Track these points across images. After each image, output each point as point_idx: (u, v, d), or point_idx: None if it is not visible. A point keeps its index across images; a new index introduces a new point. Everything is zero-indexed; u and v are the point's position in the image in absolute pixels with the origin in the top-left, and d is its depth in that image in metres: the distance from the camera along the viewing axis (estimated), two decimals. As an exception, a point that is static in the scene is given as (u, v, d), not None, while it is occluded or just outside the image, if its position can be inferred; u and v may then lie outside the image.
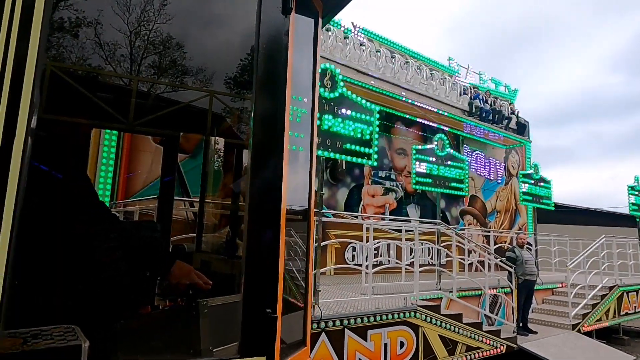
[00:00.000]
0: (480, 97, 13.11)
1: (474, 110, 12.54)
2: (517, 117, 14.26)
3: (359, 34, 10.90)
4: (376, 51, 10.89)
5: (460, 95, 12.63)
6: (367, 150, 5.07)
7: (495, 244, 11.06)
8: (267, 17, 1.23)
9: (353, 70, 9.71)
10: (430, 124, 11.46)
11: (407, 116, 10.96)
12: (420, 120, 11.33)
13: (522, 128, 14.41)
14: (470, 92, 13.01)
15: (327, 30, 9.56)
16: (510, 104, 14.74)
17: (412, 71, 11.43)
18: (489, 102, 13.31)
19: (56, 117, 1.78)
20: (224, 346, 1.21)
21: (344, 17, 11.41)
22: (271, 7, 1.26)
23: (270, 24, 1.25)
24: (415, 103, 10.74)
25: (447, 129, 11.75)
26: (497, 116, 13.28)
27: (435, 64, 13.08)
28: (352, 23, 10.87)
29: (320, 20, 1.67)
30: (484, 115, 12.76)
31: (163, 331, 1.40)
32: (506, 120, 13.65)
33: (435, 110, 11.22)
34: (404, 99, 10.43)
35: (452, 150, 7.48)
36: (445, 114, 11.51)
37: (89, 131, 1.66)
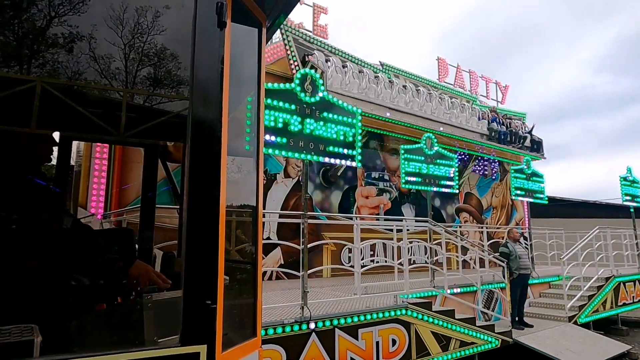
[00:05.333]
0: (497, 120, 13.61)
1: (492, 134, 13.17)
2: (532, 134, 14.54)
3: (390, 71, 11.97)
4: (403, 86, 11.52)
5: (479, 120, 13.18)
6: (350, 152, 5.15)
7: (491, 239, 11.13)
8: (202, 31, 1.33)
9: (384, 108, 10.34)
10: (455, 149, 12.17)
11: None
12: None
13: (537, 145, 14.68)
14: (488, 116, 13.49)
15: (359, 72, 10.32)
16: (523, 123, 15.16)
17: (435, 102, 12.11)
18: (505, 124, 13.84)
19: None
20: (170, 337, 1.29)
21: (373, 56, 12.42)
22: (206, 22, 1.35)
23: (205, 37, 1.34)
24: (441, 130, 11.52)
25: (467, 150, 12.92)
26: (513, 137, 13.89)
27: (456, 92, 13.86)
28: (380, 62, 11.86)
29: (264, 30, 1.77)
30: (501, 137, 13.41)
31: (113, 325, 1.49)
32: (522, 139, 14.19)
33: (457, 136, 12.07)
34: (439, 130, 11.28)
35: (440, 149, 7.55)
36: (467, 139, 12.36)
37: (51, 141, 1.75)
